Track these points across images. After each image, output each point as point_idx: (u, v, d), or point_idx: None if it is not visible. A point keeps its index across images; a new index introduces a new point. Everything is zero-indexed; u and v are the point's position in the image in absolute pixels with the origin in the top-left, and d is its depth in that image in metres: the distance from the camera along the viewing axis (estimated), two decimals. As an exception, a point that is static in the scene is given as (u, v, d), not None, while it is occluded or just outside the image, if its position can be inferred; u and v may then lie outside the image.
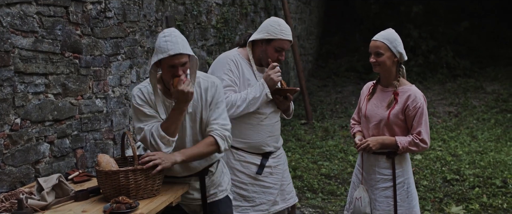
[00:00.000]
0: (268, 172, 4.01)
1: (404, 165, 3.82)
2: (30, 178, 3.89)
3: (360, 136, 3.91)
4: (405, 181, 3.81)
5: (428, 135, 3.73)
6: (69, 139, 4.31)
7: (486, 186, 6.44)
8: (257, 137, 3.96)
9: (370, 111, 3.83)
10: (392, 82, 3.79)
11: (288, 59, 10.82)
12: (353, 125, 4.09)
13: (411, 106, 3.70)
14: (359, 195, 3.88)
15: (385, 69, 3.75)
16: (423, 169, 7.12)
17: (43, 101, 4.01)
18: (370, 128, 3.83)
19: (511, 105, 10.50)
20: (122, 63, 5.02)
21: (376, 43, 3.74)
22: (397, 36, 3.76)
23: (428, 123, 3.76)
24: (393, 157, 3.78)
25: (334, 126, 9.60)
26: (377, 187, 3.83)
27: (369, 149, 3.73)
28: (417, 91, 3.75)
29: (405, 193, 3.80)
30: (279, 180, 4.08)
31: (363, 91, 4.01)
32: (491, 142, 8.35)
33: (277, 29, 3.87)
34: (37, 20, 3.94)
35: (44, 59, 4.01)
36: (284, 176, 4.14)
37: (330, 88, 12.46)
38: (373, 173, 3.84)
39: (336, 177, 7.00)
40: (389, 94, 3.79)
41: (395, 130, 3.75)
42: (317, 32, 14.14)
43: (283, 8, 9.72)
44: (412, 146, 3.71)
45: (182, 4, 6.23)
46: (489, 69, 12.94)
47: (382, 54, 3.70)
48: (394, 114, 3.72)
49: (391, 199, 3.78)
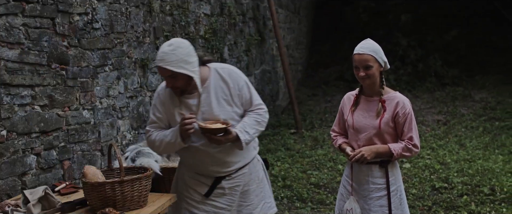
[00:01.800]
0: (221, 193, 3.67)
1: (395, 173, 3.83)
2: (17, 190, 3.88)
3: (349, 147, 3.88)
4: (397, 188, 3.81)
5: (418, 139, 3.75)
6: (56, 151, 4.30)
7: (474, 193, 6.47)
8: (200, 165, 3.65)
9: (359, 122, 3.80)
10: (376, 91, 3.78)
11: (277, 69, 10.85)
12: (335, 137, 4.03)
13: (400, 113, 3.70)
14: (350, 207, 3.84)
15: (373, 81, 3.74)
16: (411, 178, 7.14)
17: (29, 113, 4.00)
18: (361, 139, 3.79)
19: (499, 113, 10.57)
20: (110, 74, 5.02)
21: (364, 56, 3.67)
22: (378, 45, 3.74)
23: (417, 128, 3.77)
24: (386, 166, 3.78)
25: (324, 135, 9.61)
26: (371, 197, 3.80)
27: (363, 159, 3.70)
28: (403, 98, 3.76)
29: (398, 200, 3.80)
30: (235, 202, 3.71)
31: (344, 102, 3.96)
32: (479, 150, 8.40)
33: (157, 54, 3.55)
34: (23, 31, 3.94)
35: (30, 70, 4.00)
36: (244, 197, 3.74)
37: (320, 97, 12.48)
38: (366, 183, 3.81)
39: (325, 186, 7.00)
40: (375, 103, 3.78)
41: (386, 138, 3.75)
42: (306, 42, 14.19)
43: (272, 18, 9.75)
44: (406, 152, 3.71)
45: (170, 14, 6.24)
46: (477, 77, 13.02)
47: (371, 67, 3.67)
48: (384, 122, 3.71)
49: (385, 208, 3.77)
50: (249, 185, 3.75)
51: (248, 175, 3.75)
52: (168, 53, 3.34)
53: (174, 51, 3.34)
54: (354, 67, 3.75)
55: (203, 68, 3.56)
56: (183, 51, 3.36)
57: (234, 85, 3.59)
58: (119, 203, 3.14)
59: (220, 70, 3.62)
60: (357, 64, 3.71)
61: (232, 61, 8.30)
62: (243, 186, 3.72)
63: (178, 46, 3.37)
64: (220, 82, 3.58)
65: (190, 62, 3.38)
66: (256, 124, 3.64)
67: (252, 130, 3.60)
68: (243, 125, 3.58)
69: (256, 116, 3.65)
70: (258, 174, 3.84)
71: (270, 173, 7.47)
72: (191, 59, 3.39)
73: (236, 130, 3.52)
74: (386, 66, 3.76)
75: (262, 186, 3.87)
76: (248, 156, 3.75)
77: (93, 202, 3.17)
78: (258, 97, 3.71)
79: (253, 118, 3.64)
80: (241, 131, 3.53)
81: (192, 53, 3.42)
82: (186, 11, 6.70)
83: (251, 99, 3.66)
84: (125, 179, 3.14)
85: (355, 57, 3.72)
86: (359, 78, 3.74)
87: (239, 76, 3.65)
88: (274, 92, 10.72)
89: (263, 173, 3.92)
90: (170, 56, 3.33)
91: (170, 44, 3.37)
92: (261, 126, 3.68)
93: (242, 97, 3.62)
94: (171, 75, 3.37)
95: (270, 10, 9.72)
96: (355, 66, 3.73)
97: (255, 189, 3.79)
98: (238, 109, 3.62)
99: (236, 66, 8.41)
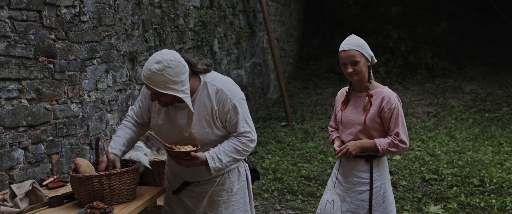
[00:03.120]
0: (189, 194, 3.51)
1: (381, 170, 3.82)
2: (4, 185, 3.85)
3: (338, 142, 3.90)
4: (382, 185, 3.80)
5: (406, 135, 3.73)
6: (44, 145, 4.27)
7: (464, 185, 6.50)
8: (175, 174, 3.56)
9: (346, 117, 3.82)
10: (364, 86, 3.78)
11: (268, 62, 10.83)
12: (331, 132, 4.07)
13: (386, 108, 3.69)
14: (330, 198, 3.87)
15: (361, 76, 3.73)
16: (402, 169, 7.16)
17: (16, 106, 3.96)
18: (348, 134, 3.82)
19: (488, 105, 10.62)
20: (98, 67, 4.98)
21: (350, 52, 3.66)
22: (363, 40, 3.73)
23: (405, 123, 3.75)
24: (371, 160, 3.78)
25: (314, 127, 9.63)
26: (354, 190, 3.82)
27: (349, 154, 3.72)
28: (390, 93, 3.75)
29: (381, 197, 3.79)
30: (201, 207, 3.50)
31: (338, 98, 3.98)
32: (469, 142, 8.44)
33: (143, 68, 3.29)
34: (10, 24, 3.90)
35: (17, 64, 3.96)
36: (211, 207, 3.50)
37: (311, 90, 12.49)
38: (351, 176, 3.83)
39: (315, 178, 7.01)
40: (363, 98, 3.78)
41: (373, 134, 3.74)
42: (297, 34, 14.17)
43: (262, 10, 9.73)
44: (392, 147, 3.70)
45: (158, 7, 6.20)
46: (467, 69, 13.08)
47: (358, 62, 3.66)
48: (369, 118, 3.71)
49: (366, 203, 3.78)
50: (219, 196, 3.48)
51: (220, 185, 3.48)
52: (156, 73, 3.05)
53: (162, 72, 3.05)
54: (341, 64, 3.74)
55: (194, 79, 3.27)
56: (171, 71, 3.06)
57: (219, 107, 3.27)
58: (107, 197, 3.12)
59: (209, 86, 3.29)
60: (344, 61, 3.70)
61: (222, 54, 8.27)
62: (211, 194, 3.48)
63: (167, 66, 3.05)
64: (205, 99, 3.28)
65: (179, 82, 3.10)
66: (234, 152, 3.30)
67: (227, 158, 3.28)
68: (218, 150, 3.28)
69: (237, 143, 3.31)
70: (232, 185, 3.51)
71: (260, 166, 7.47)
72: (180, 78, 3.10)
73: (207, 154, 3.24)
74: (373, 60, 3.76)
75: (236, 199, 3.53)
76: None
77: (81, 196, 3.15)
78: (245, 124, 3.32)
79: (233, 144, 3.30)
80: (212, 156, 3.25)
81: (181, 71, 3.10)
82: (175, 4, 6.66)
83: (236, 125, 3.30)
84: (113, 172, 3.12)
85: (341, 54, 3.72)
86: (347, 75, 3.73)
87: (228, 98, 3.27)
88: (265, 85, 10.70)
89: (241, 187, 3.57)
90: (158, 77, 3.05)
91: (158, 62, 3.06)
92: (239, 155, 3.32)
93: (226, 121, 3.30)
94: (158, 93, 3.14)
95: (261, 3, 9.70)
96: (343, 63, 3.72)
97: (225, 201, 3.50)
98: (220, 131, 3.33)
99: (226, 59, 8.39)
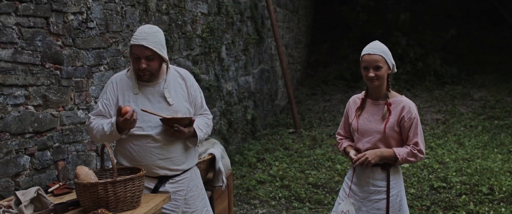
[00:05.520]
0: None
1: (397, 177, 3.77)
2: (10, 191, 3.84)
3: (354, 150, 3.82)
4: (398, 193, 3.75)
5: (424, 144, 3.70)
6: (50, 151, 4.27)
7: (473, 193, 6.44)
8: (145, 159, 3.57)
9: (363, 125, 3.75)
10: (383, 94, 3.73)
11: (276, 68, 10.81)
12: (340, 140, 3.98)
13: (406, 117, 3.65)
14: (346, 209, 3.79)
15: (381, 82, 3.68)
16: (410, 177, 7.11)
17: (23, 113, 3.97)
18: (365, 142, 3.75)
19: (498, 112, 10.53)
20: (105, 73, 4.98)
21: (374, 57, 3.62)
22: (387, 48, 3.71)
23: (422, 133, 3.72)
24: (388, 169, 3.73)
25: (322, 134, 9.58)
26: (370, 199, 3.76)
27: (367, 162, 3.65)
28: (410, 102, 3.71)
29: (398, 206, 3.74)
30: (179, 207, 3.68)
31: (350, 106, 3.90)
32: (478, 149, 8.36)
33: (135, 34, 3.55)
34: (17, 31, 3.90)
35: (23, 70, 3.97)
36: (189, 203, 3.74)
37: (319, 96, 12.45)
38: (367, 185, 3.76)
39: (323, 186, 6.97)
40: (381, 107, 3.72)
41: (391, 143, 3.70)
42: (305, 41, 14.14)
43: (270, 17, 9.71)
44: (411, 157, 3.66)
45: (166, 14, 6.21)
46: (476, 76, 12.99)
47: (381, 68, 3.63)
48: (389, 127, 3.66)
49: (382, 212, 3.72)
50: (192, 191, 3.78)
51: (191, 181, 3.78)
52: (151, 34, 3.46)
53: (156, 34, 3.47)
54: (362, 68, 3.70)
55: None
56: (162, 36, 3.53)
57: (191, 85, 3.73)
58: (112, 204, 3.11)
59: (177, 69, 3.78)
60: (367, 65, 3.66)
61: (230, 60, 8.26)
62: (186, 191, 3.73)
63: (158, 31, 3.52)
64: (178, 78, 3.70)
65: (164, 49, 3.54)
66: (207, 126, 3.76)
67: (204, 130, 3.71)
68: (197, 123, 3.66)
69: (206, 119, 3.80)
70: (199, 181, 3.88)
71: (268, 172, 7.45)
72: (164, 46, 3.55)
73: (194, 125, 3.61)
74: (394, 69, 3.72)
75: (204, 194, 3.91)
76: (191, 161, 3.79)
77: (86, 203, 3.14)
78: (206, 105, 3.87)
79: (203, 120, 3.77)
80: (197, 126, 3.63)
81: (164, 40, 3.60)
82: (183, 10, 6.66)
83: (202, 103, 3.80)
84: (118, 180, 3.11)
85: (364, 58, 3.68)
86: (367, 80, 3.68)
87: (194, 80, 3.81)
88: (273, 91, 10.68)
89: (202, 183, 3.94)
90: (153, 37, 3.44)
91: (151, 27, 3.50)
92: (210, 129, 3.80)
93: (195, 99, 3.75)
94: (150, 56, 3.45)
95: (268, 9, 9.68)
96: (365, 67, 3.68)
97: (198, 195, 3.83)
98: (191, 108, 3.72)
99: (234, 66, 8.40)
